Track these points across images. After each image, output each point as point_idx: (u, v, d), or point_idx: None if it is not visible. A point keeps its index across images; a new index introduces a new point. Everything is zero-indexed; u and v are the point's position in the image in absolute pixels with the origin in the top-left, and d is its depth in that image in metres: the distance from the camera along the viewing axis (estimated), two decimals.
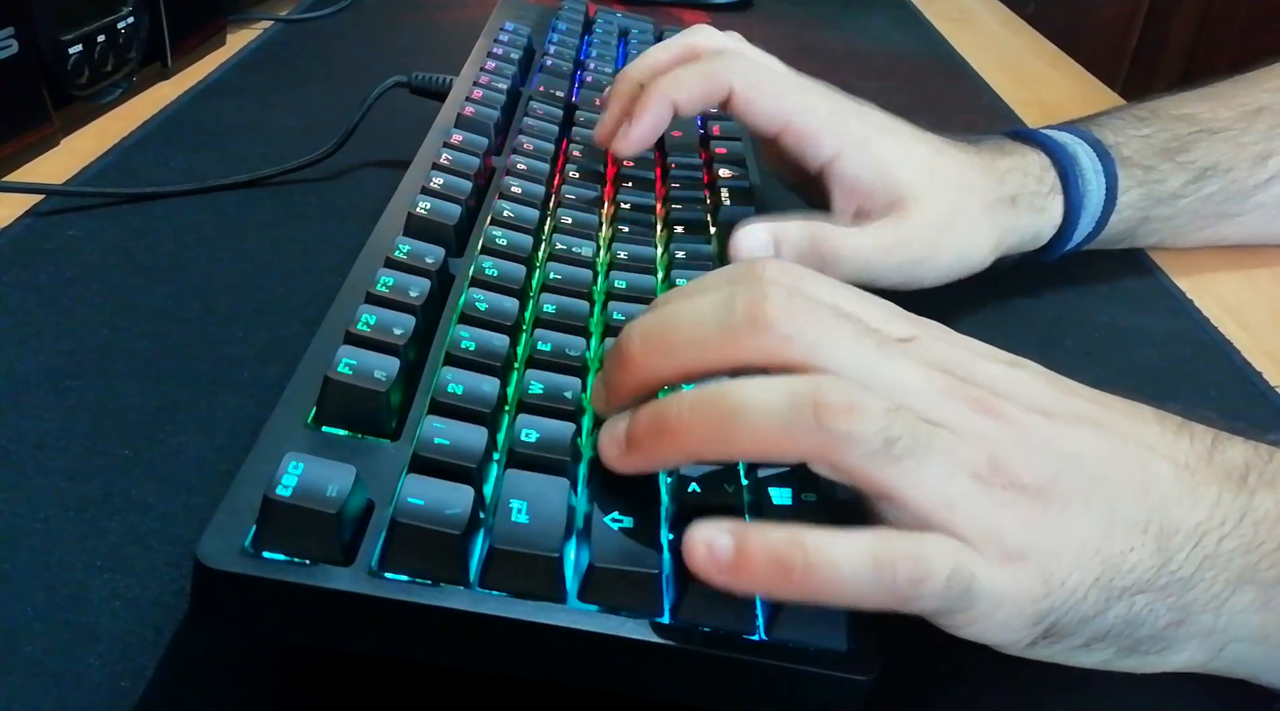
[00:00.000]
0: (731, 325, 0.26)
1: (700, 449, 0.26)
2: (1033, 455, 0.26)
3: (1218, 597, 0.27)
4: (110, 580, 0.31)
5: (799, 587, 0.24)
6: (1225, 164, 0.52)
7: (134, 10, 0.61)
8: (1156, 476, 0.27)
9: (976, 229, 0.46)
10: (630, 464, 0.27)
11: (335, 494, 0.25)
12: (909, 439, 0.25)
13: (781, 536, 0.25)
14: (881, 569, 0.24)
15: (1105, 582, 0.26)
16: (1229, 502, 0.28)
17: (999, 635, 0.26)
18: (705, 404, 0.26)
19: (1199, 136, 0.52)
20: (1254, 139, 0.52)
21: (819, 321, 0.26)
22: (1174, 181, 0.51)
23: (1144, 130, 0.52)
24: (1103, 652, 0.28)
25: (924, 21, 0.99)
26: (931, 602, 0.25)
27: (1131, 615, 0.27)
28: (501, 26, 0.60)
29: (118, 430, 0.37)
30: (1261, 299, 0.54)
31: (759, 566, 0.24)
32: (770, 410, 0.25)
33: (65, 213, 0.50)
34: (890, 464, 0.25)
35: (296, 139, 0.59)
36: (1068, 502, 0.26)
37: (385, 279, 0.33)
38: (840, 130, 0.43)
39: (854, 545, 0.25)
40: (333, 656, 0.29)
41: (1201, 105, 0.54)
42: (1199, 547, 0.27)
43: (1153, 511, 0.27)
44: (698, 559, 0.25)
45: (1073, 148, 0.49)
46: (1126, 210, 0.50)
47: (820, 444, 0.25)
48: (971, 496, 0.26)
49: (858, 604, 0.25)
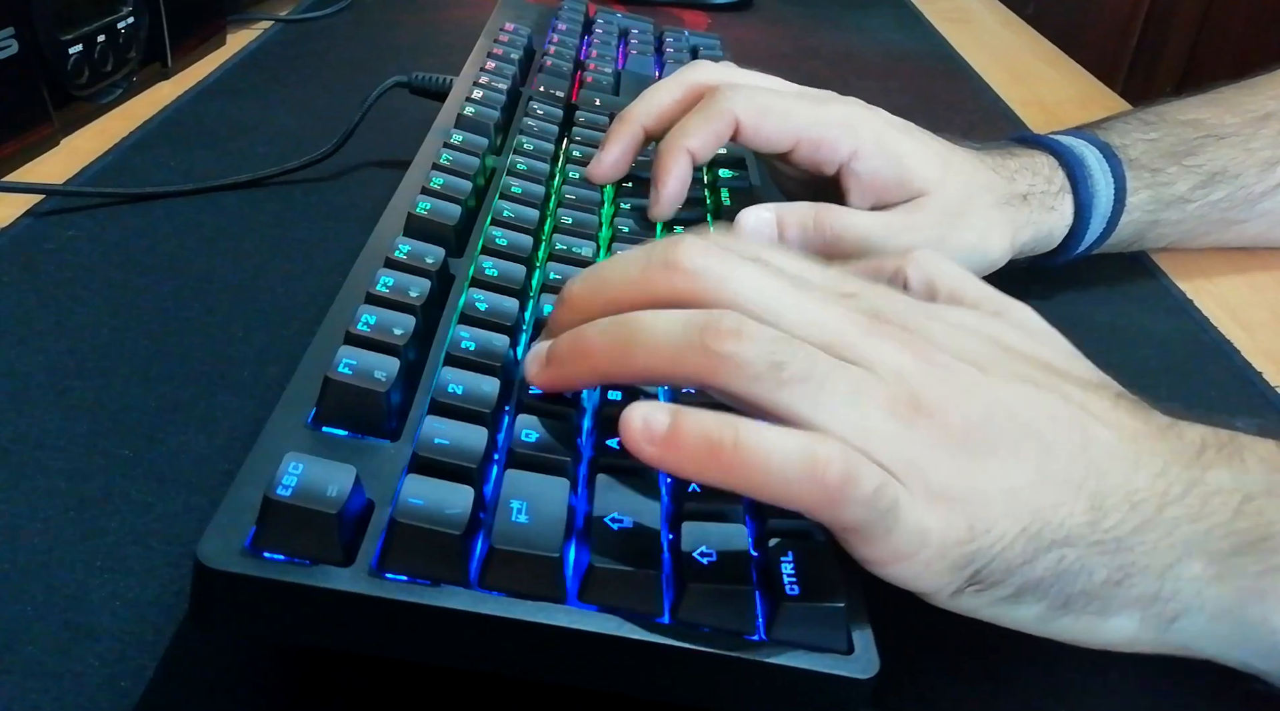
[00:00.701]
0: (649, 265, 0.29)
1: (605, 368, 0.28)
2: (960, 398, 0.27)
3: (1160, 562, 0.27)
4: (110, 580, 0.31)
5: (726, 469, 0.25)
6: (1234, 169, 0.52)
7: (134, 10, 0.61)
8: (1094, 439, 0.28)
9: (990, 223, 0.46)
10: (546, 378, 0.29)
11: (335, 494, 0.25)
12: (802, 365, 0.26)
13: (715, 417, 0.25)
14: (814, 462, 0.25)
15: (1034, 532, 0.26)
16: (1176, 474, 0.28)
17: (922, 578, 0.26)
18: (614, 325, 0.28)
19: (1206, 141, 0.52)
20: (1261, 145, 0.52)
21: (725, 262, 0.28)
22: (1182, 185, 0.51)
23: (1150, 134, 0.52)
24: (1033, 607, 0.27)
25: (924, 21, 0.99)
26: (857, 510, 0.25)
27: (1062, 568, 0.27)
28: (501, 26, 0.60)
29: (118, 430, 0.37)
30: (1261, 299, 0.54)
31: (689, 442, 0.25)
32: (664, 333, 0.27)
33: (65, 213, 0.50)
34: (779, 387, 0.26)
35: (296, 139, 0.59)
36: (995, 450, 0.26)
37: (385, 279, 0.33)
38: (854, 131, 0.44)
39: (788, 436, 0.25)
40: (333, 656, 0.29)
41: (1208, 111, 0.54)
42: (1135, 510, 0.27)
43: (1088, 470, 0.27)
44: (633, 431, 0.25)
45: (1079, 150, 0.49)
46: (1136, 211, 0.50)
47: (705, 366, 0.26)
48: (888, 428, 0.26)
49: (783, 498, 0.25)
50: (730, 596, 0.26)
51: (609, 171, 0.46)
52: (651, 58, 0.63)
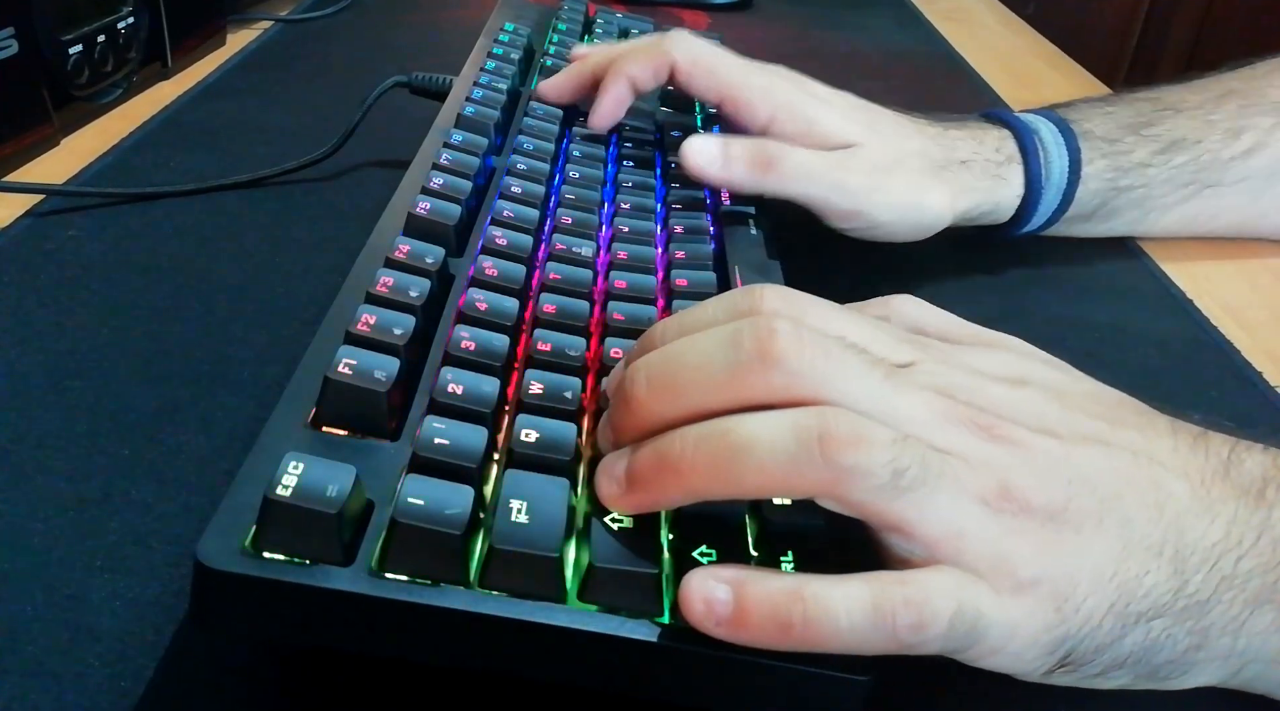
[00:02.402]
0: (739, 363, 0.25)
1: (704, 487, 0.25)
2: (1042, 479, 0.26)
3: (1236, 620, 0.27)
4: (110, 580, 0.31)
5: (799, 641, 0.24)
6: (1194, 137, 0.52)
7: (134, 10, 0.61)
8: (1171, 495, 0.27)
9: (922, 183, 0.48)
10: (631, 503, 0.27)
11: (335, 494, 0.25)
12: (917, 469, 0.25)
13: (779, 588, 0.24)
14: (881, 617, 0.24)
15: (1121, 608, 0.26)
16: (1245, 518, 0.27)
17: (1014, 665, 0.26)
18: (709, 440, 0.25)
19: (1165, 114, 0.53)
20: (1223, 117, 0.53)
21: (827, 356, 0.26)
22: (1141, 152, 0.52)
23: (1108, 108, 0.53)
24: (1120, 679, 0.27)
25: (924, 21, 0.99)
26: (935, 646, 0.25)
27: (1149, 641, 0.26)
28: (501, 26, 0.60)
29: (118, 430, 0.37)
30: (1261, 299, 0.54)
31: (758, 622, 0.24)
32: (775, 446, 0.24)
33: (65, 213, 0.50)
34: (899, 496, 0.25)
35: (296, 139, 0.59)
36: (1080, 526, 0.26)
37: (385, 279, 0.33)
38: (769, 98, 0.47)
39: (853, 594, 0.24)
40: (333, 656, 0.29)
41: (1169, 91, 0.55)
42: (1215, 568, 0.26)
43: (1168, 532, 0.26)
44: (695, 614, 0.24)
45: (1034, 123, 0.51)
46: (1093, 181, 0.51)
47: (827, 479, 0.24)
48: (981, 524, 0.25)
49: (861, 651, 0.25)
50: None
51: (555, 89, 0.52)
52: None
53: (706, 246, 0.43)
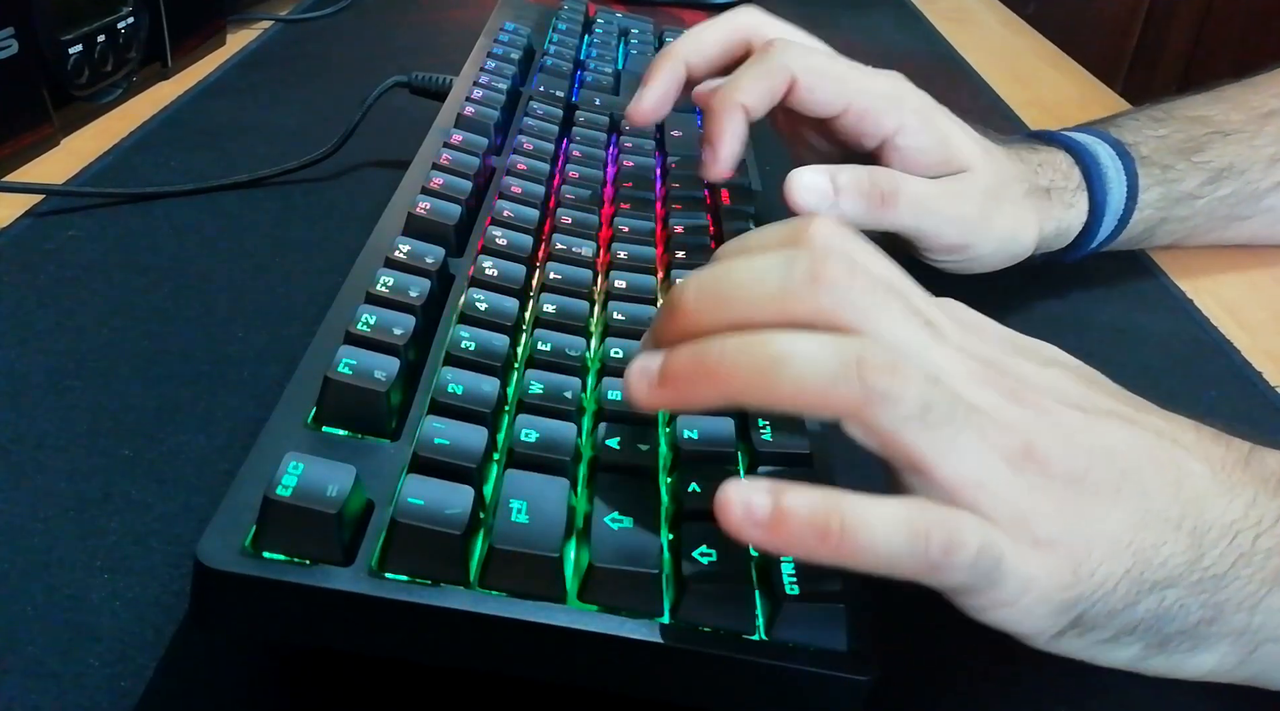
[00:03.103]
0: (790, 283, 0.26)
1: (739, 392, 0.25)
2: (1065, 444, 0.26)
3: (1253, 596, 0.27)
4: (110, 580, 0.31)
5: (834, 550, 0.24)
6: (1240, 166, 0.52)
7: (134, 10, 0.61)
8: (1190, 474, 0.27)
9: (1023, 211, 0.46)
10: (659, 399, 0.26)
11: (335, 494, 0.25)
12: (946, 408, 0.25)
13: (819, 499, 0.24)
14: (916, 535, 0.24)
15: (1136, 575, 0.26)
16: (1265, 503, 0.27)
17: (1024, 622, 0.26)
18: (750, 347, 0.25)
19: (1213, 138, 0.52)
20: (1266, 142, 0.53)
21: (873, 292, 0.26)
22: (1191, 181, 0.51)
23: (1160, 131, 0.52)
24: (1130, 649, 0.27)
25: (924, 21, 0.99)
26: (960, 574, 0.25)
27: (1162, 609, 0.27)
28: (501, 26, 0.60)
29: (118, 430, 0.37)
30: (1261, 299, 0.54)
31: (796, 527, 0.24)
32: (815, 360, 0.25)
33: (65, 213, 0.50)
34: (925, 430, 0.25)
35: (296, 139, 0.59)
36: (1099, 493, 0.26)
37: (385, 279, 0.33)
38: (900, 105, 0.44)
39: (890, 510, 0.24)
40: (333, 656, 0.29)
41: (1213, 108, 0.54)
42: (1234, 545, 0.27)
43: (1186, 507, 0.27)
44: (734, 517, 0.24)
45: (1093, 147, 0.49)
46: (1147, 209, 0.51)
47: (859, 399, 0.25)
48: (1003, 478, 0.26)
49: (889, 569, 0.25)
50: (730, 596, 0.26)
51: (651, 110, 0.44)
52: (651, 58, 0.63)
53: (706, 246, 0.43)
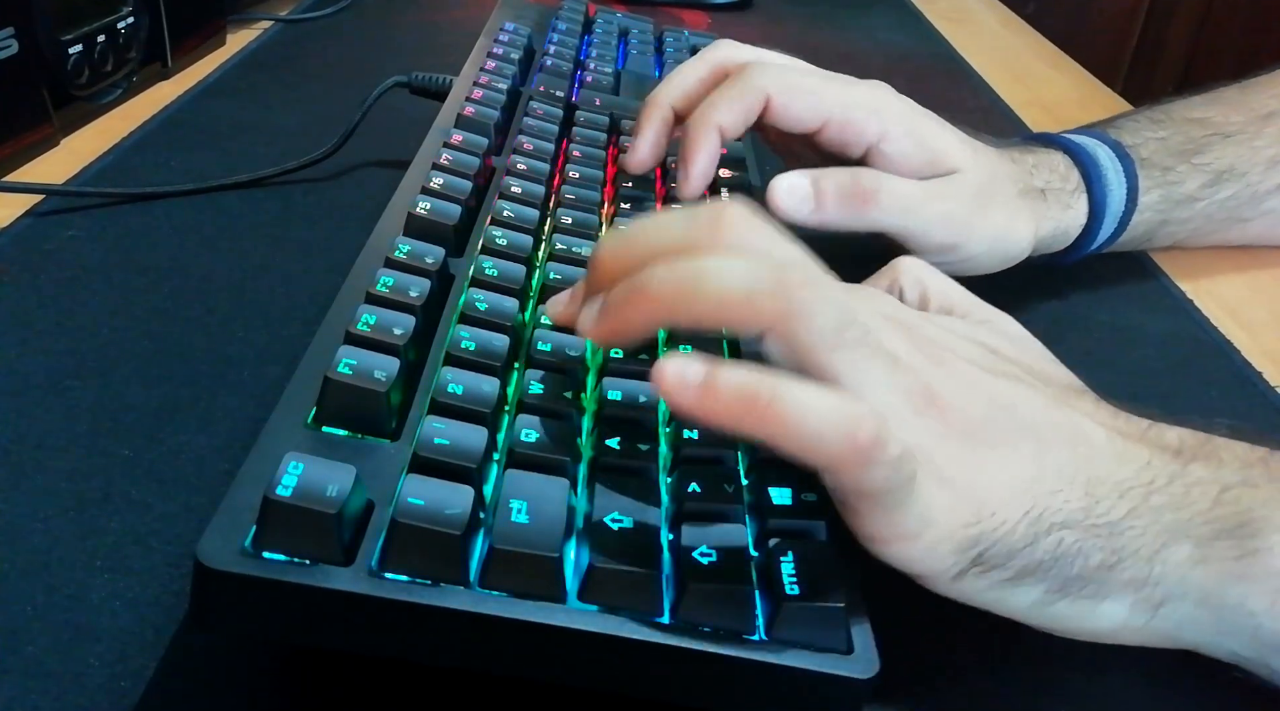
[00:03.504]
0: (693, 226, 0.28)
1: (667, 312, 0.27)
2: (965, 394, 0.28)
3: (1149, 546, 0.28)
4: (110, 580, 0.31)
5: (761, 420, 0.24)
6: (1240, 168, 0.52)
7: (134, 10, 0.61)
8: (1085, 435, 0.29)
9: (1015, 211, 0.46)
10: (603, 329, 0.28)
11: (335, 494, 0.25)
12: (859, 331, 0.26)
13: (754, 372, 0.25)
14: (846, 421, 0.25)
15: (1034, 516, 0.27)
16: (1159, 466, 0.29)
17: (925, 560, 0.27)
18: (676, 268, 0.27)
19: (1213, 139, 0.52)
20: (1265, 143, 0.53)
21: (773, 240, 0.28)
22: (1191, 183, 0.52)
23: (1160, 132, 0.52)
24: (1032, 590, 0.28)
25: (924, 21, 0.99)
26: (881, 473, 0.25)
27: (1060, 550, 0.27)
28: (501, 26, 0.60)
29: (118, 430, 0.37)
30: (1261, 299, 0.54)
31: (726, 393, 0.25)
32: (737, 275, 0.26)
33: (65, 213, 0.50)
34: (839, 348, 0.26)
35: (296, 139, 0.59)
36: (995, 444, 0.28)
37: (385, 279, 0.33)
38: (881, 113, 0.44)
39: (824, 394, 0.25)
40: (333, 656, 0.29)
41: (1213, 109, 0.54)
42: (1125, 498, 0.28)
43: (1080, 463, 0.28)
44: (668, 380, 0.25)
45: (1093, 149, 0.49)
46: (1147, 211, 0.51)
47: (779, 311, 0.26)
48: (904, 417, 0.27)
49: (812, 453, 0.25)
50: (730, 596, 0.26)
51: (645, 159, 0.45)
52: (651, 58, 0.63)
53: None
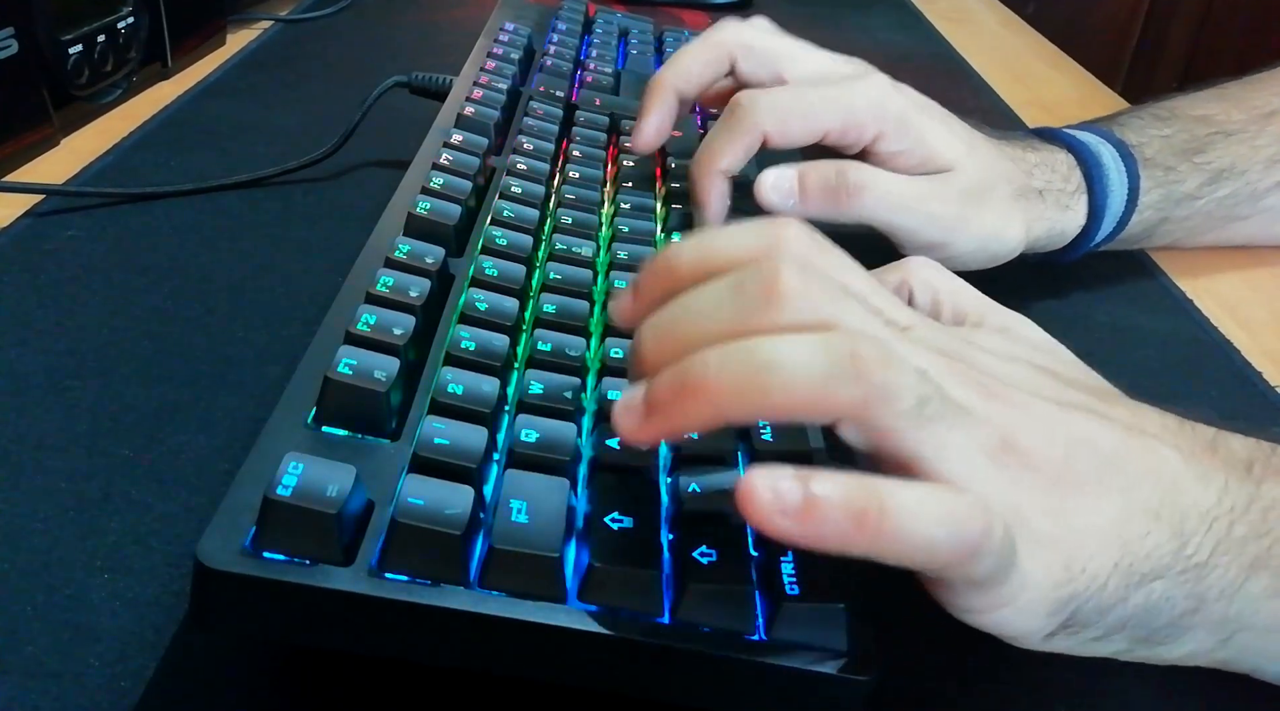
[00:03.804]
0: (745, 308, 0.25)
1: (730, 407, 0.24)
2: (1042, 437, 0.26)
3: (1232, 584, 0.27)
4: (110, 580, 0.31)
5: (872, 538, 0.23)
6: (1240, 166, 0.52)
7: (134, 10, 0.61)
8: (1165, 461, 0.27)
9: (1008, 212, 0.46)
10: (652, 431, 0.25)
11: (335, 494, 0.25)
12: (939, 402, 0.24)
13: (853, 483, 0.23)
14: (955, 518, 0.23)
15: (1125, 567, 0.26)
16: (1237, 489, 0.27)
17: (1019, 622, 0.26)
18: (734, 357, 0.24)
19: (1215, 138, 0.52)
20: (1266, 142, 0.53)
21: (833, 299, 0.25)
22: (1191, 182, 0.51)
23: (1165, 130, 0.52)
24: (1117, 643, 0.27)
25: (924, 21, 0.99)
26: (990, 562, 0.24)
27: (1149, 603, 0.26)
28: (501, 26, 0.60)
29: (118, 430, 0.37)
30: (1261, 299, 0.54)
31: (832, 513, 0.22)
32: (806, 362, 0.23)
33: (65, 213, 0.50)
34: (923, 425, 0.24)
35: (296, 139, 0.59)
36: (1081, 487, 0.26)
37: (385, 279, 0.33)
38: (879, 113, 0.43)
39: (926, 494, 0.23)
40: (333, 656, 0.29)
41: (1216, 106, 0.54)
42: (1212, 532, 0.27)
43: (1165, 495, 0.27)
44: (761, 502, 0.22)
45: (1097, 148, 0.49)
46: (1147, 211, 0.50)
47: (858, 398, 0.23)
48: (989, 475, 0.25)
49: (926, 557, 0.24)
50: (730, 596, 0.26)
51: (651, 139, 0.46)
52: (651, 58, 0.63)
53: None
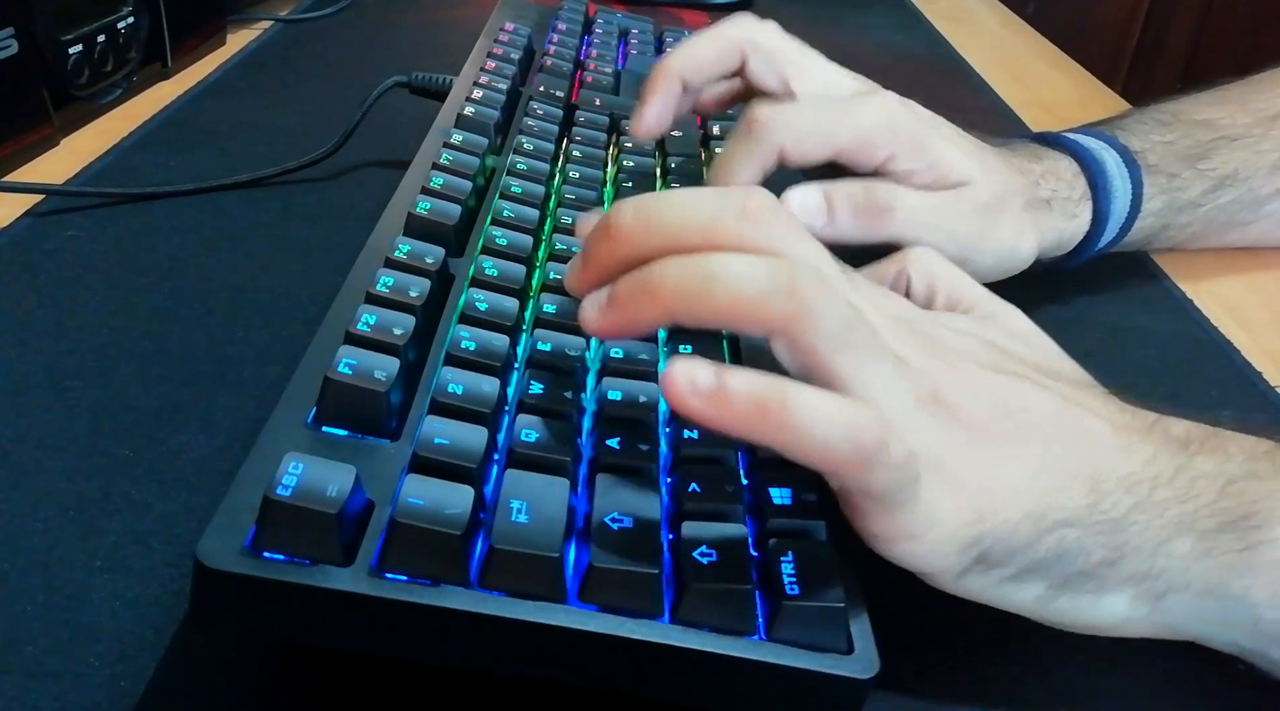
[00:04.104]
0: (721, 212, 0.28)
1: (678, 307, 0.27)
2: (972, 394, 0.28)
3: (1151, 541, 0.28)
4: (110, 580, 0.31)
5: (772, 428, 0.25)
6: (1244, 173, 0.52)
7: (134, 10, 0.61)
8: (1090, 431, 0.29)
9: (1021, 224, 0.46)
10: (608, 322, 0.28)
11: (335, 494, 0.25)
12: (866, 333, 0.27)
13: (762, 379, 0.25)
14: (854, 424, 0.25)
15: (1037, 514, 0.27)
16: (1165, 460, 0.29)
17: (929, 558, 0.27)
18: (688, 264, 0.27)
19: (1219, 143, 0.52)
20: (1271, 147, 0.53)
21: (800, 235, 0.28)
22: (1195, 189, 0.51)
23: (1168, 136, 0.52)
24: (1034, 587, 0.28)
25: (924, 21, 0.99)
26: (885, 475, 0.26)
27: (1062, 548, 0.28)
28: (501, 26, 0.60)
29: (118, 430, 0.37)
30: (1261, 299, 0.54)
31: (739, 400, 0.25)
32: (748, 276, 0.26)
33: (65, 213, 0.50)
34: (846, 350, 0.26)
35: (296, 139, 0.59)
36: (1003, 443, 0.28)
37: (385, 279, 0.33)
38: (890, 134, 0.43)
39: (831, 400, 0.25)
40: (333, 656, 0.29)
41: (1220, 110, 0.54)
42: (1129, 493, 0.28)
43: (1084, 460, 0.28)
44: (678, 386, 0.25)
45: (1101, 154, 0.49)
46: (1149, 218, 0.50)
47: (788, 312, 0.26)
48: (912, 415, 0.27)
49: (819, 458, 0.25)
50: (730, 596, 0.26)
51: (652, 125, 0.45)
52: (651, 58, 0.63)
53: None
